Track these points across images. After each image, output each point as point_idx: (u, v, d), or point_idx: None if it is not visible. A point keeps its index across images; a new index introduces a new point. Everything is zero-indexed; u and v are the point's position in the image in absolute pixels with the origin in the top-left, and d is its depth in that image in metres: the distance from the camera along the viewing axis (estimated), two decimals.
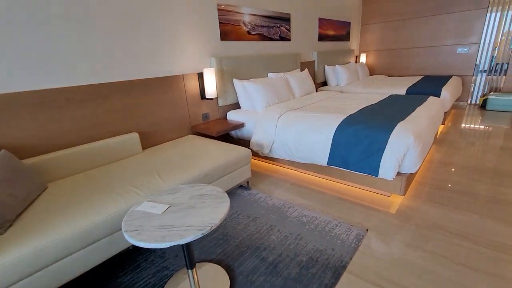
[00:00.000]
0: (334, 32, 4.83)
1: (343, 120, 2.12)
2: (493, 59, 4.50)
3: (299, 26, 3.93)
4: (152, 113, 2.34)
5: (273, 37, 3.48)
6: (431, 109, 2.40)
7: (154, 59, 2.28)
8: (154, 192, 1.52)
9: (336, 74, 4.51)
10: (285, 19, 3.62)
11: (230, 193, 2.26)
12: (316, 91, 4.49)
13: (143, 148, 2.31)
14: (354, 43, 5.65)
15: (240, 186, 2.35)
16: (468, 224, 1.69)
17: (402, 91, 3.68)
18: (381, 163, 1.81)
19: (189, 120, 2.66)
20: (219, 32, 2.79)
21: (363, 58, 5.74)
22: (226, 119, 2.98)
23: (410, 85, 3.83)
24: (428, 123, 2.10)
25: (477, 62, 4.64)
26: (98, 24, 1.90)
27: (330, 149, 2.06)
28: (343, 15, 5.00)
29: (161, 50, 2.31)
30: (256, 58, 3.20)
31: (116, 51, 2.03)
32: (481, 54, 4.58)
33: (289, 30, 3.72)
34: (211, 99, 2.71)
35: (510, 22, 4.24)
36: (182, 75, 2.52)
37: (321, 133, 2.14)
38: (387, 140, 1.80)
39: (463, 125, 3.71)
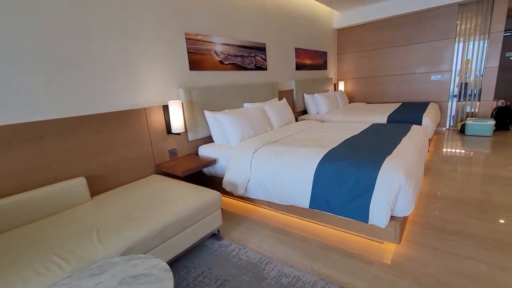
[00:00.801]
0: (311, 61, 4.83)
1: (324, 156, 1.89)
2: (466, 85, 4.59)
3: (275, 56, 3.86)
4: (106, 152, 2.01)
5: (248, 66, 3.34)
6: (417, 140, 2.23)
7: (111, 91, 2.01)
8: (84, 263, 1.15)
9: (316, 102, 4.41)
10: (260, 48, 3.53)
11: (198, 246, 1.90)
12: (297, 120, 4.34)
13: (93, 195, 1.94)
14: (331, 71, 5.70)
15: (211, 235, 2.00)
16: (476, 279, 1.42)
17: (383, 119, 3.58)
18: (370, 206, 1.55)
19: (153, 158, 2.34)
20: (187, 62, 2.59)
21: (341, 86, 5.77)
22: (197, 154, 2.69)
23: (391, 112, 3.75)
24: (417, 156, 1.91)
25: (451, 89, 4.73)
26: (40, 55, 1.62)
27: (312, 190, 1.79)
28: (319, 45, 5.05)
29: (119, 81, 2.05)
30: (230, 88, 3.01)
31: (63, 84, 1.74)
32: (454, 81, 4.69)
33: (265, 60, 3.62)
34: (179, 133, 2.43)
35: (475, 51, 4.40)
36: (144, 108, 2.24)
37: (300, 171, 1.88)
38: (375, 179, 1.57)
39: (446, 150, 3.62)
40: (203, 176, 2.69)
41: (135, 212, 1.57)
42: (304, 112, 4.60)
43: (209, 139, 2.82)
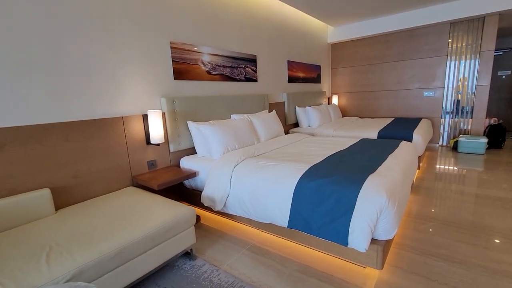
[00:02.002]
0: (305, 74, 4.81)
1: (305, 172, 1.79)
2: (459, 102, 4.57)
3: (267, 68, 3.82)
4: (76, 163, 1.90)
5: (237, 77, 3.29)
6: (404, 157, 2.15)
7: (85, 98, 1.92)
8: None
9: (308, 115, 4.35)
10: (251, 60, 3.49)
11: (168, 265, 1.76)
12: (288, 133, 4.27)
13: (60, 208, 1.82)
14: (325, 85, 5.69)
15: (185, 253, 1.87)
16: None
17: (374, 135, 3.51)
18: (350, 228, 1.44)
19: (129, 170, 2.23)
20: (172, 71, 2.52)
21: (335, 100, 5.75)
22: (179, 166, 2.58)
23: (381, 128, 3.69)
24: (403, 174, 1.82)
25: (444, 105, 4.71)
26: (2, 57, 1.54)
27: (291, 208, 1.69)
28: (313, 59, 5.05)
29: (94, 88, 1.97)
30: (218, 99, 2.94)
31: (28, 90, 1.65)
32: (446, 98, 4.67)
33: (255, 71, 3.58)
34: (158, 144, 2.33)
35: (466, 69, 4.40)
36: (122, 117, 2.15)
37: (280, 188, 1.78)
38: (356, 199, 1.47)
39: (438, 168, 3.53)
40: (184, 189, 2.57)
41: (96, 229, 1.45)
42: (296, 125, 4.54)
43: (192, 151, 2.73)
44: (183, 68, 2.62)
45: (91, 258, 1.23)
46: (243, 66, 3.37)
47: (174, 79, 2.55)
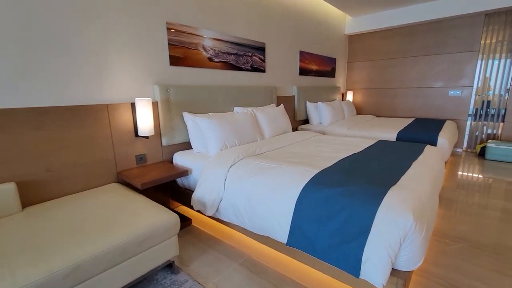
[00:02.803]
0: (318, 67, 4.45)
1: (312, 179, 1.49)
2: (489, 104, 4.12)
3: (276, 57, 3.50)
4: (49, 155, 1.67)
5: (242, 66, 2.99)
6: (432, 165, 1.81)
7: (60, 81, 1.68)
8: None
9: (319, 111, 4.01)
10: (259, 48, 3.17)
11: (145, 279, 1.52)
12: (297, 129, 3.95)
13: (28, 205, 1.60)
14: (340, 80, 5.30)
15: (168, 265, 1.62)
16: None
17: (392, 136, 3.15)
18: (363, 256, 1.14)
19: (114, 164, 1.99)
20: (168, 56, 2.25)
21: (349, 96, 5.36)
22: (172, 162, 2.33)
23: (401, 128, 3.32)
24: (431, 188, 1.49)
25: (471, 107, 4.26)
26: None
27: (291, 222, 1.40)
28: (328, 50, 4.67)
29: (73, 70, 1.72)
30: (219, 89, 2.66)
31: None
32: (475, 98, 4.22)
33: (263, 61, 3.26)
34: (147, 137, 2.08)
35: (500, 68, 3.93)
36: (107, 104, 1.90)
37: (280, 196, 1.49)
38: (373, 219, 1.16)
39: (462, 176, 3.15)
40: (176, 187, 2.32)
41: (67, 233, 1.22)
42: (306, 121, 4.21)
43: (188, 146, 2.47)
44: (181, 53, 2.34)
45: (37, 277, 0.99)
46: (250, 55, 3.07)
47: (170, 64, 2.28)
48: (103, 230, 1.27)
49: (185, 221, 2.14)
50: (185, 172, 2.02)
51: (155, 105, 2.19)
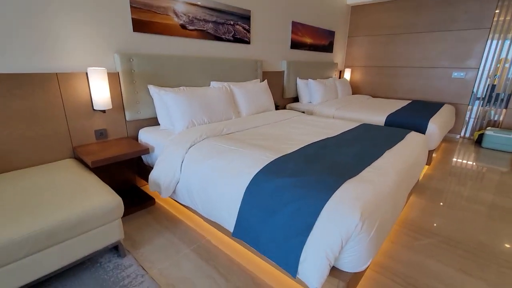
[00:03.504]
0: (313, 40, 4.13)
1: (266, 166, 1.36)
2: (494, 88, 3.83)
3: (264, 27, 3.21)
4: None
5: (223, 36, 2.73)
6: (408, 154, 1.65)
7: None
8: None
9: (310, 89, 3.78)
10: (243, 16, 2.89)
11: (89, 261, 1.46)
12: (285, 107, 3.75)
13: None
14: (338, 56, 4.96)
15: (114, 248, 1.55)
16: None
17: (381, 119, 2.95)
18: (302, 255, 1.03)
19: (69, 139, 1.87)
20: (130, 20, 2.02)
21: (347, 74, 5.05)
22: (137, 139, 2.20)
23: (393, 111, 3.11)
24: (399, 181, 1.35)
25: (474, 90, 3.97)
26: None
27: (238, 213, 1.28)
28: (326, 23, 4.31)
29: (13, 33, 1.53)
30: (194, 60, 2.44)
31: None
32: (480, 81, 3.92)
33: (248, 31, 2.99)
34: (103, 111, 1.94)
35: (511, 49, 3.59)
36: (56, 73, 1.73)
37: (231, 183, 1.36)
38: (317, 215, 1.04)
39: (453, 164, 2.99)
40: (142, 165, 2.21)
41: None
42: (296, 99, 3.99)
43: (156, 121, 2.31)
44: (147, 18, 2.11)
45: None
46: (232, 23, 2.80)
47: (134, 31, 2.06)
48: (31, 213, 1.17)
49: (148, 201, 2.06)
50: (145, 151, 1.90)
51: (116, 76, 2.01)
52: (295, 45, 3.78)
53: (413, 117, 2.83)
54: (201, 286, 1.32)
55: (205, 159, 1.57)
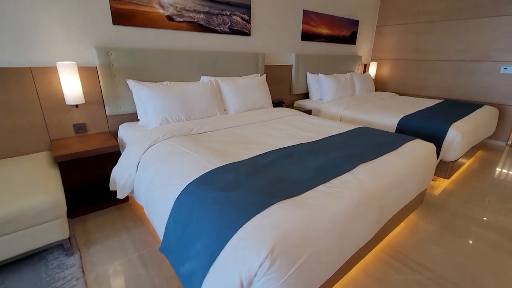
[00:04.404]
0: (331, 31, 3.75)
1: (203, 174, 1.20)
2: None
3: (267, 18, 2.97)
4: None
5: (217, 28, 2.58)
6: (391, 171, 1.34)
7: None
8: None
9: (320, 85, 3.45)
10: (242, 5, 2.69)
11: (37, 257, 1.46)
12: (292, 105, 3.50)
13: None
14: (363, 48, 4.47)
15: (61, 246, 1.53)
16: None
17: (393, 122, 2.54)
18: (203, 284, 0.87)
19: (46, 132, 1.91)
20: (109, 12, 1.98)
21: (373, 69, 4.53)
22: (117, 134, 2.19)
23: (410, 113, 2.66)
24: (356, 205, 1.08)
25: None
26: None
27: (166, 226, 1.16)
28: (347, 11, 3.87)
29: None
30: (182, 54, 2.34)
31: None
32: None
33: (248, 21, 2.79)
34: (76, 105, 1.94)
35: None
36: (30, 68, 1.76)
37: (166, 191, 1.24)
38: (224, 245, 0.86)
39: (483, 179, 2.47)
40: None
41: None
42: (307, 96, 3.68)
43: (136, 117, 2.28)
44: (127, 10, 2.05)
45: None
46: (228, 14, 2.62)
47: (114, 23, 2.02)
48: None
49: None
50: (114, 147, 1.86)
51: (95, 70, 2.00)
52: (307, 36, 3.46)
53: (431, 120, 2.38)
54: None
55: (155, 161, 1.47)
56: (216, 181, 1.14)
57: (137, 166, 1.59)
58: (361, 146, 1.59)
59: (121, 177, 1.64)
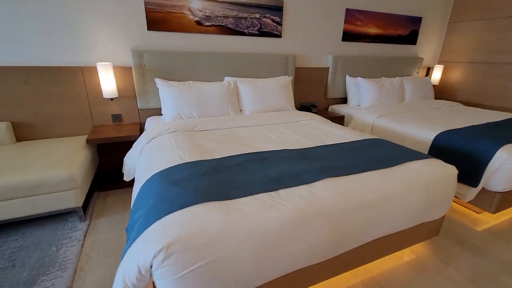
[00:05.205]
0: (381, 30, 3.38)
1: (167, 168, 1.31)
2: None
3: (301, 19, 2.89)
4: (37, 104, 2.13)
5: (246, 31, 2.67)
6: (357, 190, 1.19)
7: (43, 45, 2.04)
8: None
9: (359, 89, 3.16)
10: (273, 8, 2.70)
11: (60, 216, 1.83)
12: (327, 110, 3.32)
13: (22, 140, 2.16)
14: (427, 48, 3.87)
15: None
16: None
17: (429, 137, 2.15)
18: (118, 271, 0.97)
19: (91, 119, 2.35)
20: (145, 20, 2.29)
21: (437, 73, 3.87)
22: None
23: (456, 128, 2.20)
24: (291, 222, 1.01)
25: None
26: None
27: (131, 208, 1.31)
28: (406, 7, 3.42)
29: (53, 35, 2.05)
30: (207, 56, 2.52)
31: None
32: None
33: (279, 23, 2.78)
34: (111, 99, 2.30)
35: None
36: (81, 67, 2.20)
37: (142, 179, 1.39)
38: (141, 233, 0.94)
39: None
40: None
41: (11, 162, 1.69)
42: (345, 100, 3.42)
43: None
44: (160, 17, 2.32)
45: None
46: (258, 16, 2.67)
47: (148, 29, 2.32)
48: (10, 170, 1.59)
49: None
50: (132, 136, 2.15)
51: (130, 69, 2.34)
52: (350, 36, 3.21)
53: (478, 138, 1.92)
54: (109, 263, 1.45)
55: (148, 152, 1.66)
56: (173, 175, 1.23)
57: (140, 154, 1.81)
58: (350, 158, 1.44)
59: (129, 163, 1.90)
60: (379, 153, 1.53)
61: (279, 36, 2.84)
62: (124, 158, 2.01)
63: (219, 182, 1.15)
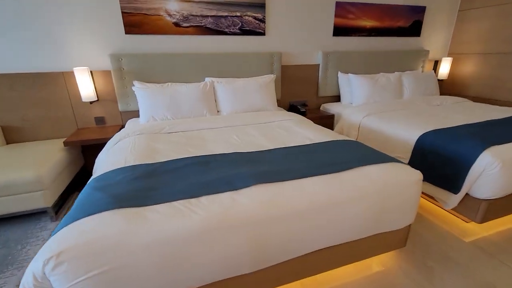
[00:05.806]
0: (378, 22, 3.17)
1: (108, 172, 1.31)
2: None
3: (286, 15, 2.79)
4: (23, 108, 2.26)
5: (226, 30, 2.62)
6: (286, 197, 1.10)
7: (25, 52, 2.15)
8: None
9: (351, 86, 3.00)
10: (254, 5, 2.64)
11: (34, 216, 1.92)
12: (319, 108, 3.19)
13: (11, 142, 2.30)
14: (434, 40, 3.57)
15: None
16: None
17: (412, 138, 1.97)
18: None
19: (75, 122, 2.45)
20: (122, 25, 2.33)
21: (445, 66, 3.56)
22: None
23: (442, 128, 1.99)
24: (204, 229, 0.96)
25: None
26: None
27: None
28: None
29: (33, 42, 2.16)
30: (187, 57, 2.52)
31: None
32: None
33: (261, 21, 2.71)
34: (90, 102, 2.38)
35: None
36: (62, 72, 2.29)
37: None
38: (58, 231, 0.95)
39: None
40: None
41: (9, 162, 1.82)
42: (338, 98, 3.26)
43: None
44: (137, 20, 2.35)
45: None
46: (239, 15, 2.62)
47: (126, 33, 2.36)
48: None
49: None
50: (108, 139, 2.20)
51: (110, 73, 2.40)
52: (342, 31, 3.05)
53: (465, 139, 1.71)
54: None
55: (109, 154, 1.68)
56: (107, 179, 1.23)
57: (107, 155, 1.85)
58: (297, 163, 1.34)
59: (96, 163, 1.94)
60: (336, 156, 1.42)
61: (263, 34, 2.76)
62: (96, 159, 2.06)
63: (144, 188, 1.13)
